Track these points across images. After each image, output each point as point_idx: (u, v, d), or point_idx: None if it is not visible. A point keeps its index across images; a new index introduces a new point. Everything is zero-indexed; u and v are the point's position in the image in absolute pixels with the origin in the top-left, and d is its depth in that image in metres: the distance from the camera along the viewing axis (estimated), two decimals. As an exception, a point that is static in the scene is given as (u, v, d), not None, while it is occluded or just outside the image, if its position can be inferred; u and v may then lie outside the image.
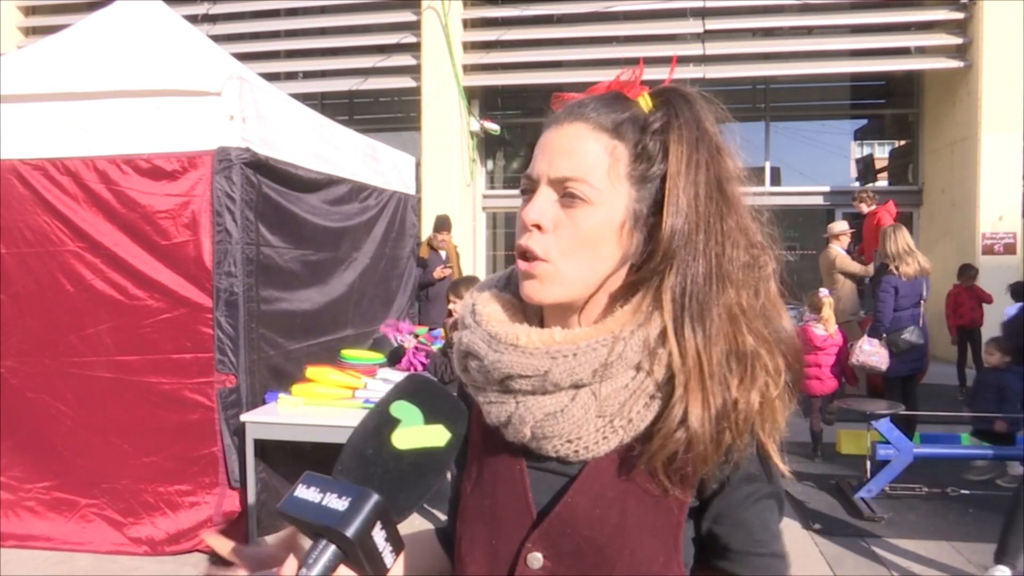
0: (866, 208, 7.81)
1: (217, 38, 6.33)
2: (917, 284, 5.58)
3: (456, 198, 10.26)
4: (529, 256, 0.84)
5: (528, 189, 0.86)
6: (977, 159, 9.17)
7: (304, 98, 6.21)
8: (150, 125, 3.89)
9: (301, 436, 3.91)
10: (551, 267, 0.83)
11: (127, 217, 3.91)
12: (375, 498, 0.64)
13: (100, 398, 3.99)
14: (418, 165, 6.96)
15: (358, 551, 0.64)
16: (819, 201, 10.79)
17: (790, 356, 0.83)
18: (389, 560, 0.66)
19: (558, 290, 0.84)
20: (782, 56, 10.11)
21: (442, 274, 7.26)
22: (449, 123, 10.29)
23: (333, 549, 0.65)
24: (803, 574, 3.87)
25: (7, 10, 11.16)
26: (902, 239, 5.60)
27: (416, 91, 10.44)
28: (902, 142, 11.93)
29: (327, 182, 4.83)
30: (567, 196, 0.82)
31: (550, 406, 0.81)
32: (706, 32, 9.84)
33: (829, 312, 5.87)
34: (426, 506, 4.58)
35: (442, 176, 10.17)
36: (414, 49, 10.40)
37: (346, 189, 5.12)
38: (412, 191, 6.56)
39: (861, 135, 12.52)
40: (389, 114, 12.72)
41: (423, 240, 7.63)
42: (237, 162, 3.83)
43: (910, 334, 5.47)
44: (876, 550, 4.14)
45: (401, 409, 0.74)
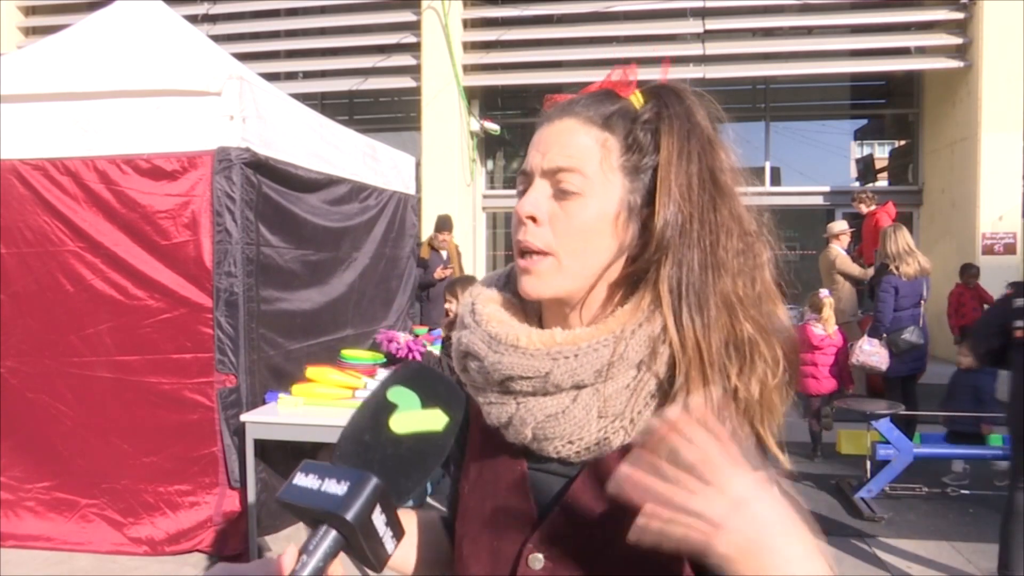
0: (865, 209, 7.81)
1: (217, 38, 6.33)
2: (917, 284, 5.58)
3: (456, 198, 10.25)
4: (528, 250, 0.84)
5: (524, 186, 0.87)
6: (977, 159, 9.16)
7: (304, 98, 6.20)
8: (150, 125, 3.90)
9: (301, 436, 3.90)
10: (551, 260, 0.83)
11: (127, 217, 3.92)
12: (374, 481, 0.64)
13: (100, 398, 3.99)
14: (418, 165, 6.95)
15: (358, 535, 0.63)
16: (819, 201, 10.78)
17: (787, 346, 0.83)
18: (390, 546, 0.66)
19: (556, 283, 0.83)
20: (782, 56, 10.11)
21: (443, 274, 7.24)
22: (449, 123, 10.28)
23: (334, 535, 0.64)
24: (803, 574, 3.86)
25: (7, 10, 11.16)
26: (902, 239, 5.60)
27: (416, 91, 10.44)
28: (902, 142, 11.92)
29: (327, 182, 4.83)
30: (561, 188, 0.83)
31: (551, 407, 0.80)
32: (706, 32, 9.83)
33: (829, 312, 5.87)
34: (431, 500, 4.57)
35: (442, 176, 10.16)
36: (414, 49, 10.40)
37: (346, 189, 5.12)
38: (412, 191, 6.56)
39: (861, 135, 12.51)
40: (389, 114, 12.72)
41: (424, 240, 7.62)
42: (237, 162, 3.83)
43: (910, 334, 5.47)
44: (876, 550, 4.14)
45: (398, 394, 0.74)
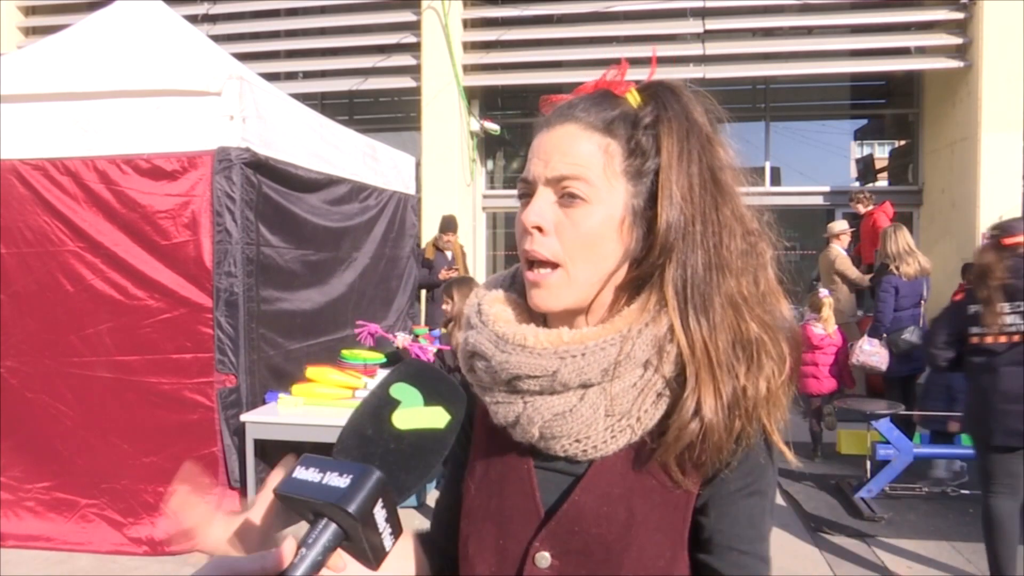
0: (863, 209, 7.81)
1: (217, 38, 6.33)
2: (917, 284, 5.58)
3: (456, 198, 10.25)
4: (536, 261, 0.83)
5: (525, 193, 0.86)
6: (977, 159, 9.16)
7: (304, 98, 6.20)
8: (150, 125, 3.90)
9: (301, 436, 3.90)
10: (561, 273, 0.83)
11: (127, 217, 3.92)
12: (377, 474, 0.64)
13: (100, 398, 3.99)
14: (418, 165, 6.95)
15: (359, 529, 0.63)
16: (819, 201, 10.76)
17: (791, 343, 0.83)
18: (388, 543, 0.65)
19: (566, 295, 0.84)
20: (782, 56, 10.10)
21: (447, 275, 7.21)
22: (449, 123, 10.28)
23: (333, 528, 0.64)
24: (803, 574, 3.87)
25: (7, 10, 11.15)
26: (902, 239, 5.60)
27: (416, 91, 10.43)
28: (902, 142, 11.92)
29: (327, 182, 4.83)
30: (566, 196, 0.82)
31: (559, 406, 0.81)
32: (706, 32, 9.83)
33: (829, 312, 5.87)
34: (429, 503, 4.58)
35: (442, 176, 10.16)
36: (414, 49, 10.39)
37: (346, 189, 5.12)
38: (412, 191, 6.57)
39: (861, 135, 12.51)
40: (389, 114, 12.71)
41: (429, 241, 7.59)
42: (237, 162, 3.83)
43: (910, 334, 5.47)
44: (876, 550, 4.14)
45: (401, 391, 0.74)
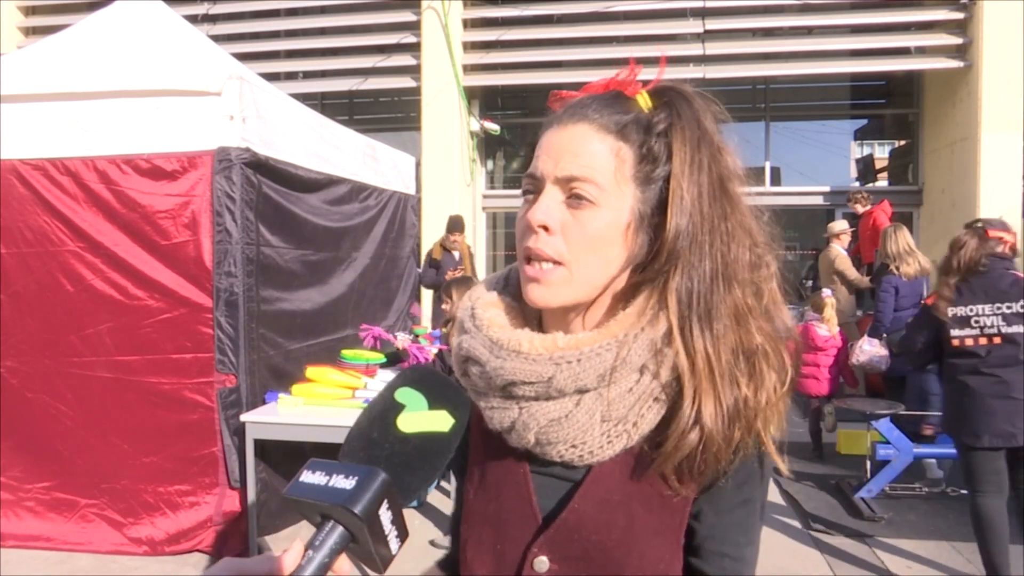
0: (861, 209, 7.82)
1: (217, 38, 6.33)
2: (917, 284, 5.58)
3: (456, 198, 10.25)
4: (537, 259, 0.83)
5: (531, 190, 0.85)
6: (977, 159, 9.16)
7: (304, 98, 6.20)
8: (150, 125, 3.90)
9: (301, 436, 3.90)
10: (564, 271, 0.82)
11: (127, 217, 3.92)
12: (383, 476, 0.64)
13: (100, 398, 3.99)
14: (418, 165, 6.95)
15: (365, 531, 0.63)
16: (819, 201, 10.77)
17: (792, 353, 0.83)
18: (395, 546, 0.66)
19: (565, 293, 0.83)
20: (782, 56, 10.11)
21: (454, 276, 7.19)
22: (449, 123, 10.28)
23: (340, 531, 0.64)
24: (803, 574, 3.87)
25: (7, 10, 11.15)
26: (903, 239, 5.60)
27: (416, 91, 10.43)
28: (902, 142, 11.92)
29: (327, 182, 4.83)
30: (573, 197, 0.82)
31: (554, 412, 0.80)
32: (706, 32, 9.83)
33: (832, 312, 5.87)
34: (434, 504, 4.58)
35: (442, 176, 10.16)
36: (414, 49, 10.39)
37: (346, 189, 5.12)
38: (412, 191, 6.56)
39: (861, 135, 12.51)
40: (389, 114, 12.71)
41: (436, 241, 7.57)
42: (237, 162, 3.83)
43: (910, 334, 5.47)
44: (876, 550, 4.14)
45: (406, 395, 0.75)
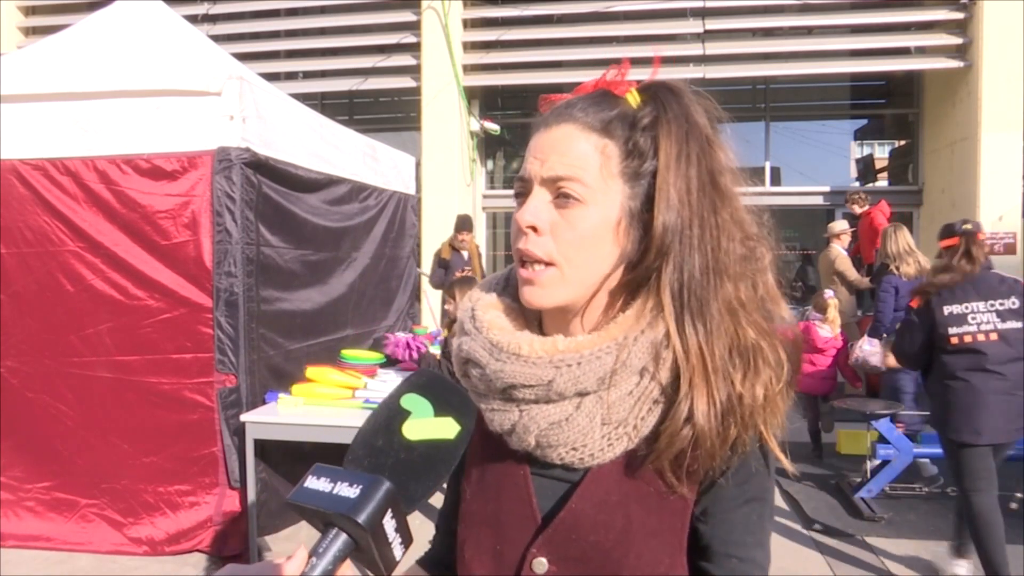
0: (859, 209, 7.82)
1: (217, 38, 6.33)
2: (917, 284, 5.57)
3: (456, 198, 10.25)
4: (529, 260, 0.83)
5: (521, 192, 0.86)
6: (977, 159, 9.16)
7: (304, 98, 6.20)
8: (150, 125, 3.90)
9: (301, 436, 3.90)
10: (554, 271, 0.82)
11: (127, 217, 3.92)
12: (387, 485, 0.64)
13: (100, 398, 3.99)
14: (418, 165, 6.95)
15: (369, 539, 0.63)
16: (819, 201, 10.77)
17: (790, 348, 0.82)
18: (398, 552, 0.66)
19: (559, 294, 0.83)
20: (782, 56, 10.11)
21: (463, 276, 7.16)
22: (449, 123, 10.28)
23: (344, 538, 0.64)
24: (803, 574, 3.86)
25: (7, 10, 11.15)
26: (903, 239, 5.60)
27: (416, 91, 10.43)
28: (902, 142, 11.92)
29: (327, 182, 4.83)
30: (561, 196, 0.82)
31: (554, 415, 0.80)
32: (706, 32, 9.83)
33: (835, 313, 5.87)
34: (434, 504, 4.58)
35: (442, 176, 10.16)
36: (414, 49, 10.39)
37: (346, 189, 5.12)
38: (412, 191, 6.56)
39: (861, 135, 12.51)
40: (389, 114, 12.71)
41: (444, 241, 7.56)
42: (237, 162, 3.83)
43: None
44: (876, 550, 4.14)
45: (411, 402, 0.74)
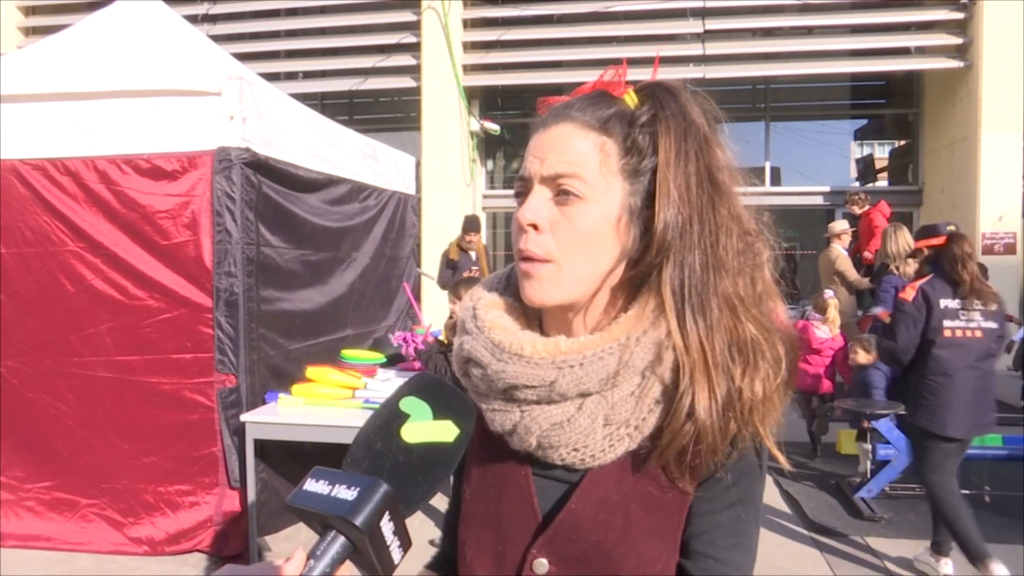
0: (858, 210, 7.82)
1: (217, 38, 6.33)
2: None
3: (456, 198, 10.26)
4: (529, 258, 0.83)
5: (521, 191, 0.86)
6: (977, 159, 9.17)
7: (304, 98, 6.21)
8: (150, 125, 3.90)
9: (301, 436, 3.90)
10: (553, 267, 0.82)
11: (127, 217, 3.92)
12: (384, 488, 0.65)
13: (100, 398, 3.99)
14: (418, 165, 6.95)
15: (367, 542, 0.64)
16: (819, 201, 10.78)
17: (787, 344, 0.82)
18: (397, 555, 0.66)
19: (560, 291, 0.83)
20: (782, 56, 10.11)
21: (470, 276, 7.15)
22: (449, 123, 10.29)
23: (342, 540, 0.65)
24: (803, 574, 3.87)
25: (7, 10, 11.16)
26: (903, 239, 5.60)
27: (416, 91, 10.44)
28: (902, 142, 11.93)
29: (327, 182, 4.83)
30: (561, 194, 0.82)
31: (556, 416, 0.80)
32: (706, 32, 9.84)
33: (834, 313, 5.87)
34: (433, 504, 4.58)
35: (442, 176, 10.17)
36: (414, 49, 10.40)
37: (346, 189, 5.12)
38: (412, 191, 6.56)
39: (861, 135, 12.52)
40: (389, 114, 12.72)
41: (452, 241, 7.54)
42: (237, 162, 3.83)
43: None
44: (876, 550, 4.14)
45: (410, 405, 0.75)
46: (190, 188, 3.88)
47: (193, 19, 6.16)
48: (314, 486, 0.66)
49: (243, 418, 3.85)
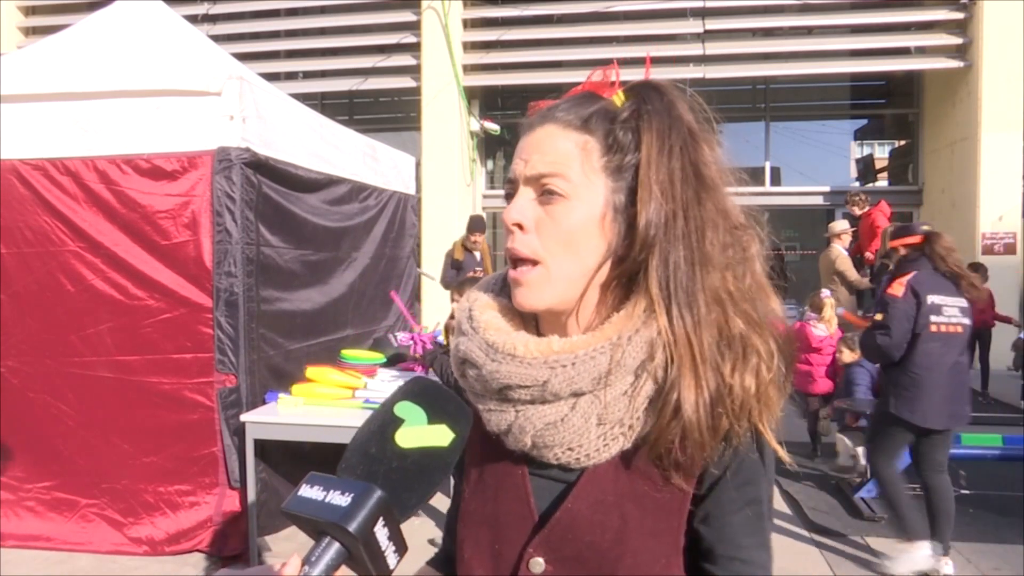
0: (859, 211, 7.82)
1: (217, 38, 6.33)
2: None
3: (456, 198, 10.27)
4: (516, 258, 0.84)
5: (510, 194, 0.87)
6: (977, 159, 9.18)
7: (304, 98, 6.21)
8: (150, 125, 3.90)
9: (301, 436, 3.91)
10: (541, 270, 0.83)
11: (127, 217, 3.92)
12: (378, 494, 0.65)
13: (100, 398, 3.99)
14: (418, 165, 6.95)
15: (361, 548, 0.64)
16: (819, 201, 10.78)
17: (781, 339, 0.82)
18: (392, 560, 0.66)
19: (549, 294, 0.83)
20: (782, 56, 10.12)
21: (475, 276, 7.14)
22: (449, 123, 10.29)
23: (336, 547, 0.65)
24: (803, 574, 3.87)
25: (7, 10, 11.17)
26: (903, 240, 5.59)
27: (416, 91, 10.45)
28: (902, 142, 11.95)
29: (327, 182, 4.83)
30: (545, 193, 0.82)
31: (550, 416, 0.80)
32: (706, 32, 9.85)
33: (831, 312, 5.86)
34: (433, 504, 4.58)
35: (442, 176, 10.17)
36: (414, 49, 10.41)
37: (346, 189, 5.12)
38: (412, 191, 6.56)
39: (861, 135, 12.53)
40: (389, 114, 12.73)
41: (456, 241, 7.53)
42: (237, 162, 3.83)
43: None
44: (876, 550, 4.14)
45: (405, 409, 0.74)
46: (190, 188, 3.88)
47: (193, 19, 6.16)
48: (309, 492, 0.66)
49: (243, 418, 3.85)
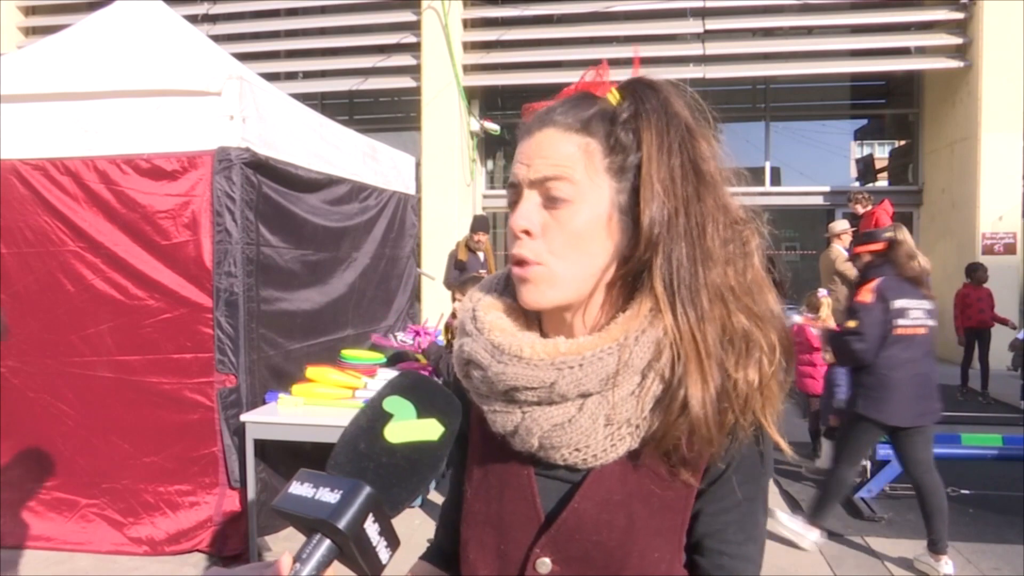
0: (861, 210, 7.80)
1: (217, 38, 6.33)
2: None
3: (456, 198, 10.27)
4: (523, 263, 0.84)
5: (513, 200, 0.87)
6: (977, 159, 9.18)
7: (304, 98, 6.21)
8: (150, 125, 3.90)
9: (301, 436, 3.91)
10: (545, 270, 0.83)
11: (127, 217, 3.92)
12: (367, 490, 0.64)
13: (101, 398, 3.99)
14: (418, 165, 6.95)
15: (351, 544, 0.64)
16: (819, 201, 10.78)
17: (780, 333, 0.83)
18: (384, 555, 0.66)
19: (555, 293, 0.83)
20: (782, 56, 10.12)
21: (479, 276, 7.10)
22: (449, 123, 10.30)
23: (327, 544, 0.65)
24: (803, 574, 3.87)
25: (7, 10, 11.17)
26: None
27: (416, 91, 10.45)
28: (902, 142, 11.95)
29: (327, 182, 4.83)
30: (550, 198, 0.82)
31: (557, 417, 0.80)
32: (706, 32, 9.85)
33: (827, 312, 5.86)
34: (434, 502, 4.58)
35: (442, 176, 10.18)
36: (414, 49, 10.41)
37: (346, 189, 5.12)
38: (412, 191, 6.56)
39: (861, 135, 12.53)
40: (389, 114, 12.73)
41: (460, 241, 7.52)
42: (237, 162, 3.83)
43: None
44: (876, 550, 4.14)
45: (394, 404, 0.74)
46: (190, 188, 3.88)
47: (193, 19, 6.16)
48: (299, 489, 0.66)
49: (243, 418, 3.85)
